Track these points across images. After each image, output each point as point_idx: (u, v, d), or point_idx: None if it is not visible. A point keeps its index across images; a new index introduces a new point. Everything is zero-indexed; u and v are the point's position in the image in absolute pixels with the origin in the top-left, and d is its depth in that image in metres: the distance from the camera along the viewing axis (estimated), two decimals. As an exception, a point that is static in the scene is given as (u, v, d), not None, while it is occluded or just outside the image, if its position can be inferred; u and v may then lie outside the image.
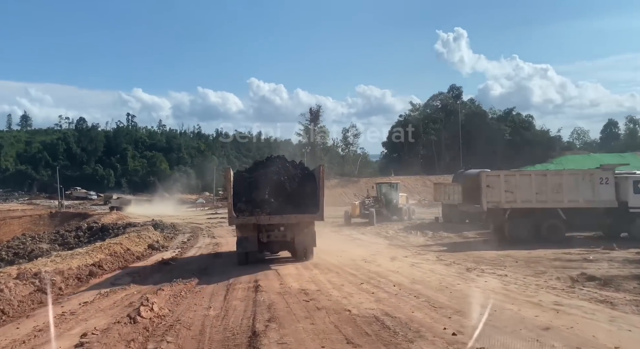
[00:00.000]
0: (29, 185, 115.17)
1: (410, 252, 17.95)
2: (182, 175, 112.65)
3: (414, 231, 26.81)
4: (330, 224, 33.64)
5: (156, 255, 20.64)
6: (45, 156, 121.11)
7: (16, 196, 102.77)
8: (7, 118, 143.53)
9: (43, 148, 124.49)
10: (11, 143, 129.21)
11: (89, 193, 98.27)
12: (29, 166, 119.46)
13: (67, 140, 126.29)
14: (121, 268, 16.98)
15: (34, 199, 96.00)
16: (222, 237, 28.33)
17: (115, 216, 51.01)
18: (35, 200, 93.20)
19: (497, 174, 20.52)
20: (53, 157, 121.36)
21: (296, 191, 15.06)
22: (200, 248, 23.22)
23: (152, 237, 24.94)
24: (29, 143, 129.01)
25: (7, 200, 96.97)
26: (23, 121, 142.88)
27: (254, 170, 16.47)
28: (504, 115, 75.82)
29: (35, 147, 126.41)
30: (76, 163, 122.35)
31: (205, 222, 40.82)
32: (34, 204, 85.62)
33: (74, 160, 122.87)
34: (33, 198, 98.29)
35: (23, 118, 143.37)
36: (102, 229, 37.98)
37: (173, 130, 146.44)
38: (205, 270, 15.11)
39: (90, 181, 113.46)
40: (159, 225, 35.21)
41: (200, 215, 52.53)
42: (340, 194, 60.26)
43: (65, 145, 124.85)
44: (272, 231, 14.74)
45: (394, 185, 34.47)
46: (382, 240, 23.74)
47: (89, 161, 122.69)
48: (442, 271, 13.09)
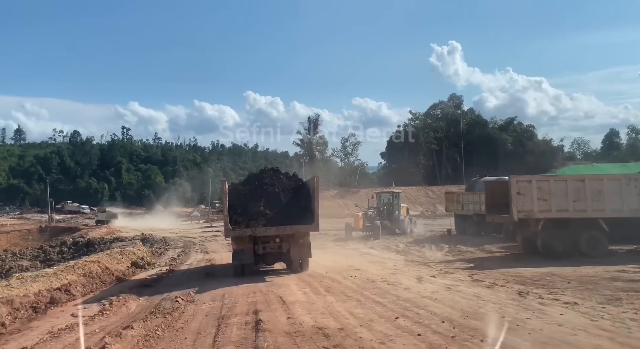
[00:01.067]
0: (21, 199, 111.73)
1: (435, 270, 15.11)
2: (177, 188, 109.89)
3: (427, 245, 24.00)
4: (332, 237, 30.84)
5: (140, 274, 17.75)
6: (39, 170, 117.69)
7: (7, 211, 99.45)
8: (1, 132, 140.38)
9: (36, 162, 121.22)
10: (4, 157, 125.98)
11: (82, 206, 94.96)
12: (22, 180, 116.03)
13: (61, 154, 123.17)
14: (93, 292, 14.06)
15: (25, 213, 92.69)
16: (215, 252, 25.45)
17: (105, 230, 48.03)
18: (27, 215, 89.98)
19: (528, 179, 17.82)
20: (46, 170, 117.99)
21: (291, 202, 14.93)
22: (190, 265, 20.36)
23: (137, 253, 22.01)
24: (22, 157, 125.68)
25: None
26: (17, 135, 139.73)
27: (249, 183, 16.30)
28: (505, 125, 73.46)
29: (28, 160, 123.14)
30: (70, 177, 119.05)
31: (199, 236, 37.85)
32: (25, 219, 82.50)
33: (68, 174, 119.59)
34: (24, 212, 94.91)
35: (17, 132, 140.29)
36: (88, 244, 34.93)
37: (169, 143, 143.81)
38: (194, 293, 12.30)
39: (84, 195, 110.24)
40: (148, 240, 32.24)
41: (194, 229, 49.55)
42: (340, 205, 57.37)
43: (58, 159, 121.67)
44: (267, 243, 14.49)
45: (396, 195, 30.99)
46: (395, 254, 20.91)
47: (83, 174, 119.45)
48: (489, 296, 10.28)
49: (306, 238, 14.66)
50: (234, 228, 14.13)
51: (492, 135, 68.96)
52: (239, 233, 14.14)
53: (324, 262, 17.90)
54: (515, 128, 72.29)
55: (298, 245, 14.50)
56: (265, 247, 14.50)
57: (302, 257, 14.84)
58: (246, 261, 14.56)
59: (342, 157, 68.44)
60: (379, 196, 31.08)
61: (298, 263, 14.94)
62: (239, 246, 14.57)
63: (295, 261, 14.87)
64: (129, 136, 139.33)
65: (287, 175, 16.52)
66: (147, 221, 65.41)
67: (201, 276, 16.03)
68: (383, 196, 31.23)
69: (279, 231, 14.17)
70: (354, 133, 72.99)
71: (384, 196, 31.10)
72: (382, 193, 32.09)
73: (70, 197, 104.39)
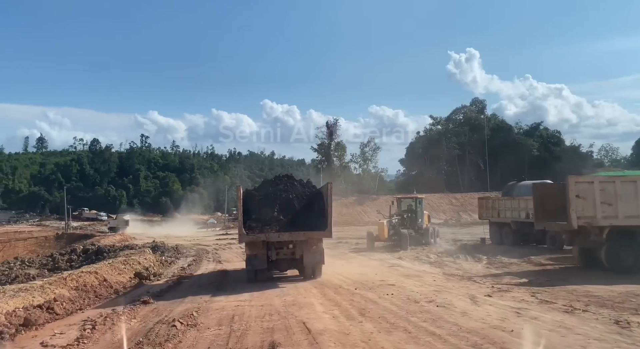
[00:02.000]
0: (42, 206, 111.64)
1: (486, 287, 12.50)
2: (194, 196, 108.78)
3: (462, 256, 21.40)
4: (353, 246, 28.32)
5: (142, 287, 15.51)
6: (59, 177, 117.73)
7: (27, 218, 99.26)
8: (25, 140, 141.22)
9: (57, 169, 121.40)
10: (26, 165, 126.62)
11: (100, 214, 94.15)
12: (42, 187, 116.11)
13: (81, 162, 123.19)
14: (82, 309, 11.83)
15: (44, 220, 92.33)
16: (229, 261, 23.21)
17: (118, 237, 46.56)
18: (45, 222, 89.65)
19: (589, 180, 15.13)
20: (66, 178, 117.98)
21: (305, 209, 14.81)
22: (201, 276, 18.09)
23: (142, 263, 19.82)
24: (43, 165, 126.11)
25: (17, 221, 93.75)
26: (39, 143, 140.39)
27: (263, 189, 16.21)
28: (530, 130, 69.96)
29: (49, 168, 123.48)
30: (89, 184, 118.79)
31: (213, 244, 35.71)
32: (44, 225, 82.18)
33: (87, 181, 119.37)
34: (43, 219, 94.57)
35: (39, 141, 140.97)
36: (98, 252, 33.12)
37: (186, 150, 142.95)
38: (197, 314, 10.01)
39: (102, 202, 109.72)
40: (159, 248, 30.19)
41: (209, 236, 47.56)
42: (359, 212, 54.78)
43: (78, 167, 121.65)
44: (281, 249, 14.34)
45: (419, 201, 27.21)
46: (429, 267, 18.33)
47: (102, 182, 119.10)
48: (580, 327, 7.70)
49: (319, 244, 14.40)
50: (247, 233, 13.99)
51: (517, 140, 65.52)
52: (253, 238, 13.97)
53: (350, 275, 15.46)
54: (541, 133, 68.76)
55: (311, 251, 14.23)
56: (279, 253, 14.32)
57: (315, 264, 14.53)
58: (259, 267, 14.34)
59: (361, 162, 65.50)
60: (399, 202, 27.99)
61: (311, 269, 14.58)
62: (253, 252, 14.34)
63: (308, 267, 14.52)
64: (148, 144, 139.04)
65: (301, 181, 16.41)
66: (164, 228, 64.42)
67: (210, 289, 13.76)
68: (404, 202, 28.06)
69: (292, 237, 14.04)
70: (373, 138, 69.95)
71: (405, 202, 27.93)
72: (404, 199, 28.82)
73: (89, 204, 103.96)
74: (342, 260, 21.32)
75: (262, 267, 14.36)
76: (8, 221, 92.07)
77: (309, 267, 14.53)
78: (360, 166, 65.27)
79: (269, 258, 14.27)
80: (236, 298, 11.87)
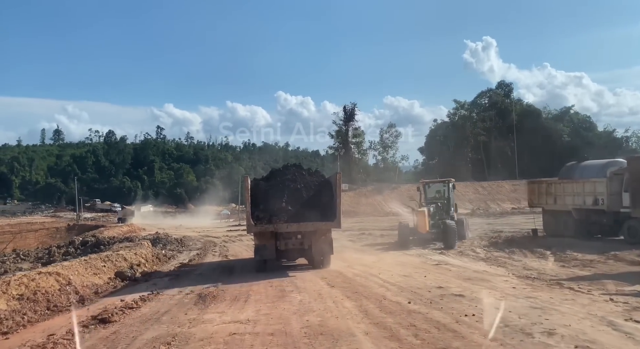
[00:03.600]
0: (58, 198, 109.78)
1: (603, 300, 8.30)
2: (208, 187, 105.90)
3: (517, 250, 17.21)
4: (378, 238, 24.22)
5: (118, 293, 11.68)
6: (75, 169, 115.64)
7: (42, 209, 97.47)
8: (42, 132, 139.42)
9: (73, 161, 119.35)
10: (43, 157, 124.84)
11: (113, 205, 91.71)
12: (59, 179, 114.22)
13: (96, 153, 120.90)
14: (8, 334, 7.97)
15: (59, 212, 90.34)
16: (236, 256, 19.42)
17: (125, 229, 43.20)
18: (60, 213, 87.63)
19: None
20: (82, 169, 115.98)
21: (313, 199, 14.40)
22: (199, 276, 14.24)
23: (130, 259, 15.99)
24: (60, 157, 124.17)
25: (32, 212, 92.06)
26: (56, 135, 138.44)
27: (271, 178, 15.70)
28: (560, 115, 64.46)
29: (65, 160, 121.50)
30: (104, 175, 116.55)
31: (223, 236, 31.98)
32: (57, 217, 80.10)
33: (102, 173, 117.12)
34: (58, 210, 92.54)
35: (56, 133, 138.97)
36: (97, 244, 29.76)
37: (201, 142, 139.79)
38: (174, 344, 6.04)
39: (117, 193, 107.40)
40: (160, 240, 26.46)
41: (221, 227, 43.90)
42: (379, 202, 50.45)
43: (94, 158, 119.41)
44: (289, 239, 13.91)
45: (451, 185, 21.78)
46: (485, 265, 14.18)
47: (117, 173, 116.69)
48: None
49: (328, 235, 14.07)
50: (256, 223, 13.60)
51: (546, 125, 60.31)
52: (261, 228, 13.64)
53: (391, 277, 11.45)
54: (571, 118, 63.26)
55: (320, 241, 13.85)
56: (287, 243, 13.91)
57: (324, 254, 14.08)
58: (268, 257, 13.97)
59: (381, 149, 60.50)
60: (425, 187, 22.13)
61: (320, 259, 14.08)
62: (261, 242, 14.07)
63: (316, 257, 14.05)
64: (163, 136, 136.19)
65: (310, 171, 15.98)
66: (178, 219, 62.01)
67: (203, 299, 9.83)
68: (433, 187, 22.44)
69: (301, 227, 13.67)
70: (393, 124, 64.59)
71: (433, 188, 22.35)
72: (432, 183, 23.07)
73: (105, 196, 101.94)
74: (372, 255, 17.30)
75: (271, 257, 13.93)
76: (24, 213, 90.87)
77: (318, 257, 13.97)
78: (379, 153, 60.36)
79: (277, 248, 13.84)
80: (235, 317, 7.90)
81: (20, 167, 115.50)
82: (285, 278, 12.53)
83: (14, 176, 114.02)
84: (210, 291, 10.90)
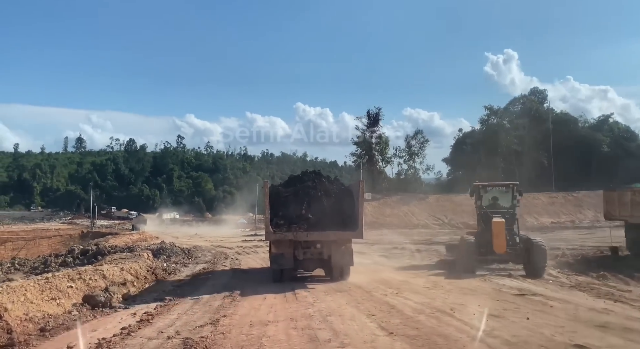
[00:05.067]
0: (77, 205, 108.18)
1: None
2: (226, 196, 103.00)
3: (609, 275, 13.07)
4: (416, 256, 20.20)
5: (71, 334, 7.86)
6: (95, 176, 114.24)
7: (60, 216, 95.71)
8: (64, 140, 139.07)
9: (93, 168, 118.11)
10: (65, 165, 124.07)
11: (130, 213, 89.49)
12: (79, 186, 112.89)
13: (116, 161, 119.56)
14: None
15: (76, 219, 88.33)
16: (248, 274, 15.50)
17: (136, 237, 39.99)
18: (77, 220, 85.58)
19: None
20: (102, 177, 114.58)
21: (334, 207, 13.33)
22: (197, 303, 10.39)
23: (114, 276, 12.22)
24: (81, 164, 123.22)
25: (50, 219, 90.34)
26: (77, 143, 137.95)
27: (290, 185, 14.66)
28: (597, 124, 59.30)
29: (86, 167, 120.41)
30: (123, 183, 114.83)
31: (237, 246, 28.18)
32: (74, 223, 77.92)
33: (122, 181, 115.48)
34: (75, 217, 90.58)
35: (78, 141, 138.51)
36: (97, 253, 26.31)
37: (220, 151, 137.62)
38: None
39: (136, 201, 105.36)
40: (164, 250, 22.75)
41: (236, 237, 40.19)
42: (405, 213, 46.11)
43: (113, 166, 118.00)
44: (308, 248, 12.97)
45: (514, 190, 15.58)
46: (587, 297, 10.05)
47: (136, 181, 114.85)
48: None
49: (348, 245, 13.04)
50: (275, 231, 12.72)
51: (583, 134, 55.28)
52: (280, 236, 12.75)
53: (473, 319, 7.43)
54: (611, 127, 58.11)
55: (340, 251, 12.85)
56: (306, 252, 12.96)
57: (344, 265, 13.08)
58: (286, 266, 13.02)
59: (406, 157, 55.80)
60: (479, 193, 15.69)
61: (339, 271, 13.16)
62: (279, 251, 13.04)
63: (336, 268, 13.14)
64: (182, 145, 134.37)
65: (329, 178, 15.19)
66: (194, 227, 60.22)
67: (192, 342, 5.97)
68: (490, 192, 16.01)
69: (322, 236, 12.77)
70: (420, 130, 59.67)
71: (490, 194, 15.91)
72: (490, 187, 16.51)
73: (124, 204, 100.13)
74: (421, 278, 13.22)
75: (289, 266, 13.13)
76: (42, 219, 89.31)
77: (337, 268, 13.22)
78: (405, 161, 55.67)
79: (295, 257, 13.05)
80: None
81: (42, 173, 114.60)
82: (315, 314, 8.57)
83: (36, 183, 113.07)
84: (204, 337, 7.01)
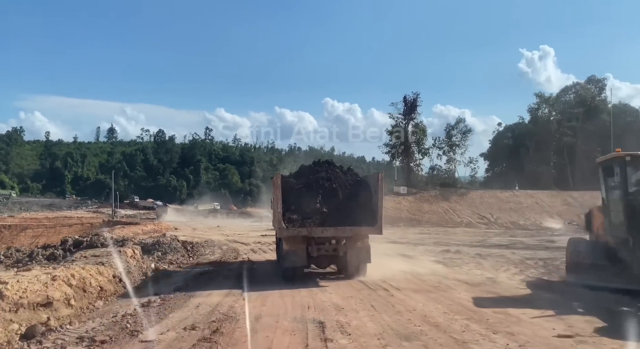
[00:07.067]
0: (106, 194, 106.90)
1: None
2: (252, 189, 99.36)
3: None
4: (480, 264, 14.89)
5: None
6: (124, 166, 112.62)
7: (88, 205, 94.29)
8: (96, 130, 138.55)
9: (122, 158, 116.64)
10: (96, 154, 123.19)
11: (156, 203, 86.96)
12: (108, 176, 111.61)
13: (145, 152, 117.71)
14: None
15: (103, 207, 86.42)
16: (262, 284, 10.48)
17: (150, 227, 36.02)
18: (103, 208, 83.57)
19: None
20: (131, 167, 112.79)
21: (349, 200, 12.01)
22: (178, 339, 5.34)
23: (33, 293, 7.40)
24: (111, 154, 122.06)
25: (78, 207, 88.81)
26: (109, 134, 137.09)
27: (302, 176, 13.00)
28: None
29: (116, 157, 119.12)
30: (152, 173, 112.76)
31: (254, 242, 23.40)
32: (99, 212, 75.71)
33: (150, 171, 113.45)
34: (102, 206, 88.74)
35: (109, 131, 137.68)
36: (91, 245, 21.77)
37: (247, 144, 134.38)
38: None
39: (163, 192, 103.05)
40: (161, 246, 18.01)
41: (256, 231, 35.60)
42: (446, 210, 40.39)
43: (142, 156, 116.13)
44: (322, 244, 11.66)
45: None
46: None
47: (164, 172, 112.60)
48: None
49: (365, 240, 11.71)
50: (287, 227, 11.41)
51: (644, 128, 48.34)
52: (293, 232, 11.41)
53: None
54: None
55: (356, 248, 11.56)
56: (320, 249, 11.61)
57: (360, 262, 11.67)
58: (299, 264, 11.56)
59: (446, 148, 49.11)
60: (623, 165, 8.31)
61: (355, 268, 11.67)
62: (292, 247, 11.62)
63: (351, 265, 11.66)
64: (211, 137, 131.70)
65: (342, 169, 13.21)
66: (218, 219, 58.18)
67: None
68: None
69: (338, 232, 11.41)
70: (462, 119, 52.02)
71: None
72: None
73: (150, 193, 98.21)
74: (549, 321, 7.87)
75: (302, 264, 11.53)
76: (69, 207, 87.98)
77: (353, 265, 11.61)
78: (444, 153, 49.10)
79: (309, 254, 11.49)
80: None
81: (73, 162, 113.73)
82: None
83: (67, 171, 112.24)
84: None
